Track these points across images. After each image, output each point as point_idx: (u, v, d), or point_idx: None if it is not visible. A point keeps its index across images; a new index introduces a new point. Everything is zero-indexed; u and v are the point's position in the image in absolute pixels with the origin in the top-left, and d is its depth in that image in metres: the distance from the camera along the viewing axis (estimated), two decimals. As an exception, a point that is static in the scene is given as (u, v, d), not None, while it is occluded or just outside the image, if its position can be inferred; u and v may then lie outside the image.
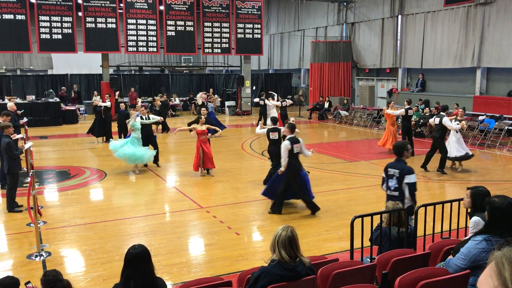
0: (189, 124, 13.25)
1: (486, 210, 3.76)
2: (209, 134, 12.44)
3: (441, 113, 12.07)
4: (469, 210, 4.67)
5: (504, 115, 17.20)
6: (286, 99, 20.31)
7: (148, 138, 12.42)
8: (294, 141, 8.46)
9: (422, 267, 4.04)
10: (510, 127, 16.33)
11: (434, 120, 11.96)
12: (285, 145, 8.40)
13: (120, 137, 14.51)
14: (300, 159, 8.74)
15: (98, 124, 16.66)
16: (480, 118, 17.25)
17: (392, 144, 10.15)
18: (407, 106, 14.41)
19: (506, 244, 1.13)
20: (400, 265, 4.22)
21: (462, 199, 4.98)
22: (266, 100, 19.14)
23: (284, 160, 8.39)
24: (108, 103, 16.80)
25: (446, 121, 11.61)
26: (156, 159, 12.66)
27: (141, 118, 12.30)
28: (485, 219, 3.88)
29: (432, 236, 5.91)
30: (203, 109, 12.06)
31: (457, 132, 11.80)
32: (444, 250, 4.54)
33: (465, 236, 5.21)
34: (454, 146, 11.75)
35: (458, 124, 11.75)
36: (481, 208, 4.31)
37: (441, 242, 4.91)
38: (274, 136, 10.04)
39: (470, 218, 4.47)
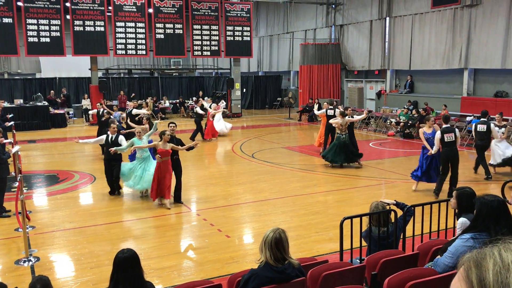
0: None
1: (475, 206, 3.81)
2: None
3: (482, 118, 11.82)
4: (456, 211, 4.72)
5: (491, 116, 17.38)
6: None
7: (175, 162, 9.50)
8: (445, 131, 9.52)
9: (411, 268, 4.08)
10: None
11: (477, 127, 11.48)
12: (437, 135, 9.55)
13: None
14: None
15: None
16: (468, 118, 17.42)
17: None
18: (329, 107, 14.67)
19: (491, 242, 1.12)
20: (389, 266, 4.25)
21: (449, 200, 5.04)
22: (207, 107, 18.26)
23: (436, 146, 9.59)
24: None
25: (494, 128, 11.31)
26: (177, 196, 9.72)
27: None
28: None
29: (421, 237, 5.96)
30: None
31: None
32: (433, 251, 4.57)
33: (453, 236, 5.26)
34: (504, 149, 11.48)
35: (503, 133, 11.62)
36: (467, 209, 4.36)
37: (430, 243, 4.95)
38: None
39: (458, 219, 4.52)
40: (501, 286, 0.98)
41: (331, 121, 13.14)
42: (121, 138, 10.06)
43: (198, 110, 17.94)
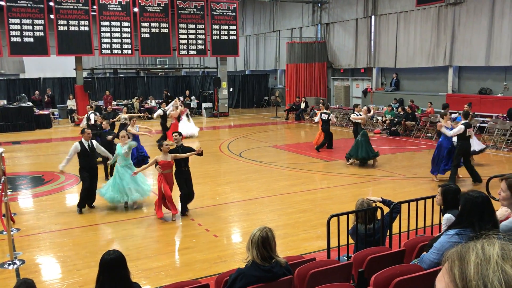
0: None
1: (460, 202, 3.85)
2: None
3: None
4: (442, 207, 4.77)
5: (475, 113, 17.59)
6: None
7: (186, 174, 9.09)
8: (468, 125, 10.32)
9: (397, 264, 4.11)
10: (482, 124, 16.71)
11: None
12: (459, 128, 10.21)
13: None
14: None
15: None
16: (453, 116, 17.58)
17: None
18: (325, 110, 15.13)
19: (476, 238, 1.14)
20: (375, 262, 4.27)
21: (435, 196, 5.08)
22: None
23: (451, 133, 10.24)
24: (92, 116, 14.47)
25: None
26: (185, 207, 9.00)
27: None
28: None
29: (407, 233, 6.00)
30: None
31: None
32: (419, 247, 4.61)
33: (439, 232, 5.31)
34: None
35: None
36: (453, 205, 4.41)
37: (416, 239, 4.99)
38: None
39: (443, 215, 4.56)
40: (481, 277, 1.00)
41: (355, 117, 12.91)
42: (96, 144, 9.34)
43: (159, 112, 16.79)
